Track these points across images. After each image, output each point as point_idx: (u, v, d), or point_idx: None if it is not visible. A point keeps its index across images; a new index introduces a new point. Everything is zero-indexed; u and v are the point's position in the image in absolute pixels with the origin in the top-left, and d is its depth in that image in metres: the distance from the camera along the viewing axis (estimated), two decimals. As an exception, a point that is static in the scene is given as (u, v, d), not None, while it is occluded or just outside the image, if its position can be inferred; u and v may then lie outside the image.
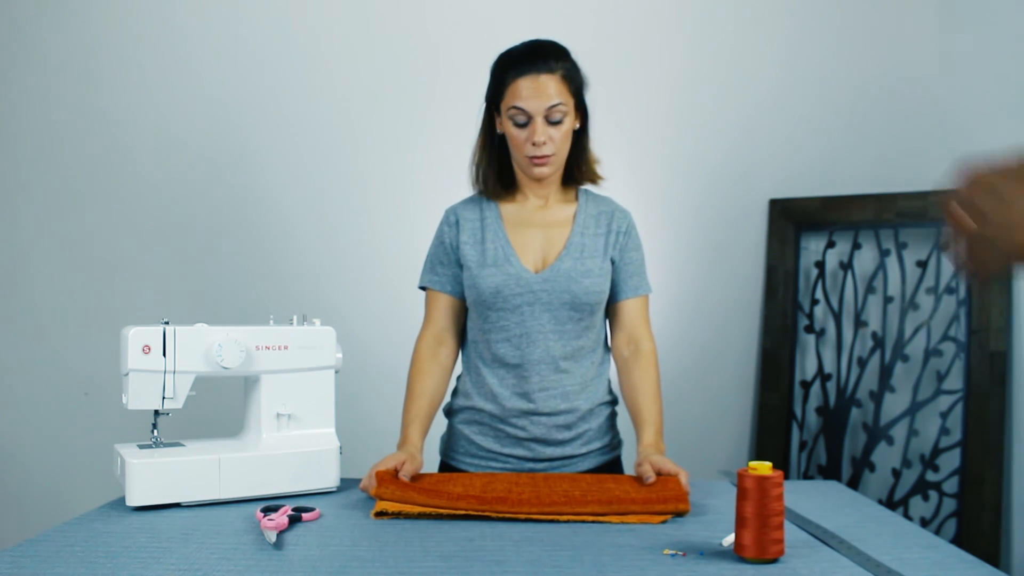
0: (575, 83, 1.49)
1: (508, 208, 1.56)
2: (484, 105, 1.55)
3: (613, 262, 1.54)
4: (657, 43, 2.53)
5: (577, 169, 1.57)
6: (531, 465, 1.52)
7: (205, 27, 2.54)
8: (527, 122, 1.45)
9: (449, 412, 1.62)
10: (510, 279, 1.48)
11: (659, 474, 1.35)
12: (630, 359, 1.54)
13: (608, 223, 1.55)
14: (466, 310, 1.58)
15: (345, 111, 2.54)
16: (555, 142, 1.46)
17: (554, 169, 1.50)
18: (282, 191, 2.54)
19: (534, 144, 1.45)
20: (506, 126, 1.49)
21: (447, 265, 1.56)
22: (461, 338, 1.61)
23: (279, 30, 2.54)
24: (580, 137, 1.55)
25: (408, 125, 2.53)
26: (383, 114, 2.54)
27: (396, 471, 1.32)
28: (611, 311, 1.58)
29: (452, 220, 1.57)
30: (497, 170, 1.56)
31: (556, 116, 1.45)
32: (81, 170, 2.55)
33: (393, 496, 1.22)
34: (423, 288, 1.60)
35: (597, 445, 1.55)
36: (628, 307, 1.56)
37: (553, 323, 1.49)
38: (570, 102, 1.47)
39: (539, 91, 1.43)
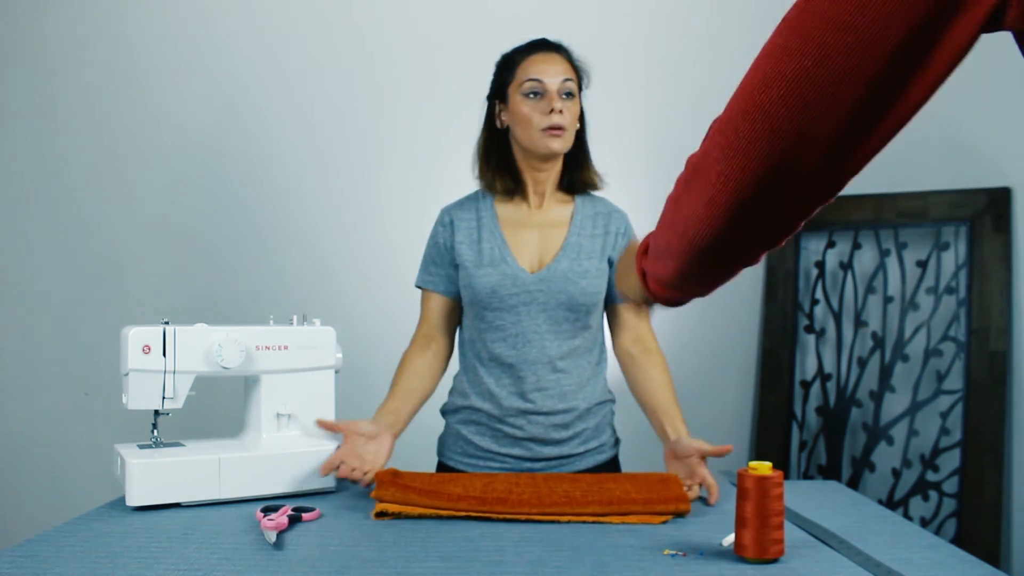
0: (579, 73, 1.53)
1: (504, 209, 1.56)
2: (487, 103, 1.56)
3: (611, 262, 1.55)
4: (656, 43, 2.53)
5: (577, 172, 1.57)
6: (528, 464, 1.52)
7: (204, 28, 2.54)
8: (542, 94, 1.47)
9: (446, 412, 1.62)
10: (506, 279, 1.48)
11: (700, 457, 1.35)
12: (639, 357, 1.55)
13: (605, 224, 1.56)
14: (460, 310, 1.59)
15: (346, 112, 2.54)
16: (570, 114, 1.48)
17: (565, 146, 1.50)
18: (282, 191, 2.54)
19: (551, 112, 1.45)
20: (517, 106, 1.49)
21: (440, 265, 1.57)
22: (452, 337, 1.62)
23: (280, 31, 2.54)
24: (578, 139, 1.56)
25: (409, 126, 2.53)
26: (384, 115, 2.54)
27: (396, 472, 1.32)
28: (611, 312, 1.59)
29: (446, 221, 1.57)
30: (501, 166, 1.56)
31: (569, 89, 1.48)
32: (81, 170, 2.55)
33: (393, 498, 1.22)
34: (419, 287, 1.61)
35: (595, 444, 1.56)
36: (628, 309, 1.56)
37: (549, 323, 1.49)
38: (577, 86, 1.51)
39: (552, 64, 1.48)
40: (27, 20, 2.54)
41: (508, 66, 1.52)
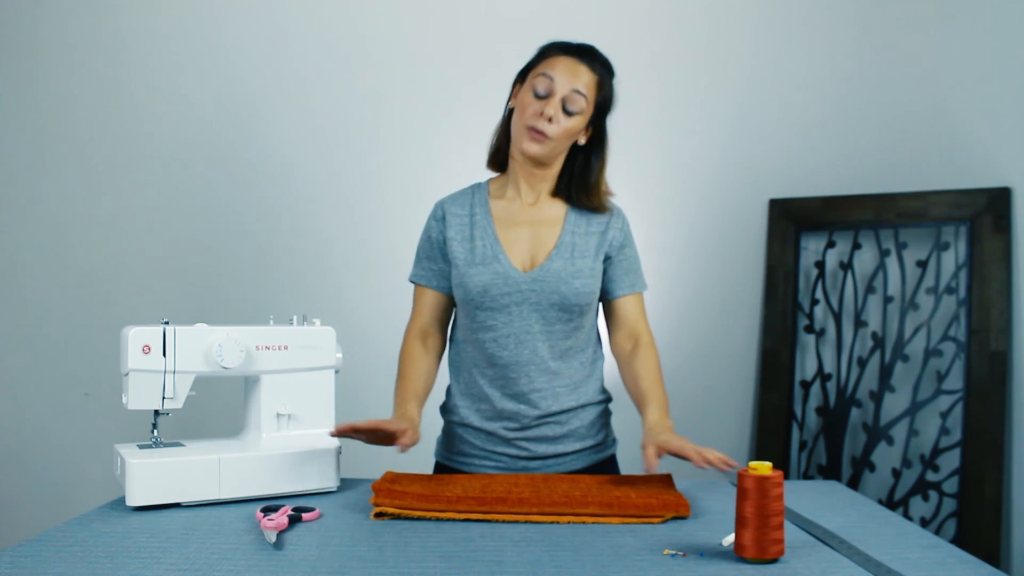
0: (603, 94, 1.49)
1: (498, 205, 1.55)
2: (514, 82, 1.54)
3: (609, 258, 1.53)
4: (657, 44, 2.53)
5: (579, 190, 1.53)
6: (524, 463, 1.52)
7: (203, 30, 2.54)
8: (547, 95, 1.43)
9: (443, 410, 1.62)
10: (498, 278, 1.47)
11: (668, 454, 1.31)
12: (632, 352, 1.54)
13: (601, 221, 1.54)
14: (452, 305, 1.58)
15: (345, 113, 2.54)
16: (560, 128, 1.44)
17: (544, 152, 1.46)
18: (282, 192, 2.54)
19: (541, 115, 1.43)
20: (523, 93, 1.47)
21: (433, 260, 1.56)
22: (446, 332, 1.61)
23: (277, 33, 2.54)
24: (587, 157, 1.53)
25: (410, 126, 2.53)
26: (385, 115, 2.54)
27: (393, 477, 1.31)
28: (608, 309, 1.57)
29: (439, 215, 1.56)
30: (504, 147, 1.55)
31: (574, 106, 1.44)
32: (81, 170, 2.55)
33: (392, 505, 1.21)
34: (412, 282, 1.61)
35: (590, 443, 1.55)
36: (625, 304, 1.55)
37: (542, 323, 1.48)
38: (590, 108, 1.47)
39: (572, 72, 1.44)
40: (25, 23, 2.54)
41: (542, 53, 1.49)
